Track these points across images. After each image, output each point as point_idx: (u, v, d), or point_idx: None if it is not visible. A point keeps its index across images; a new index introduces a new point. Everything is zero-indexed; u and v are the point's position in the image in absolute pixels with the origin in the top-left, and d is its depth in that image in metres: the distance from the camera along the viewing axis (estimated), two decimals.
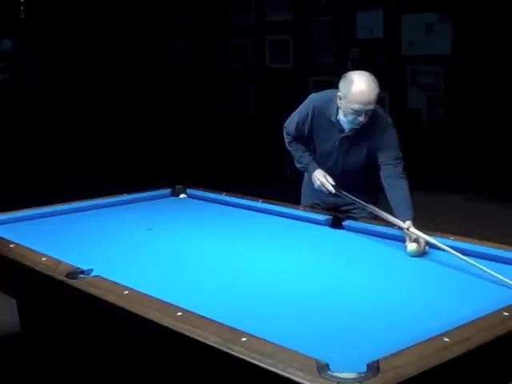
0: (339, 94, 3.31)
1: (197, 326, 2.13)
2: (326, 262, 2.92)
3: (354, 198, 3.41)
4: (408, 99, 7.21)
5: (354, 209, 3.60)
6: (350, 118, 3.29)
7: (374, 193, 3.54)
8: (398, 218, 3.08)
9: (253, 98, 8.62)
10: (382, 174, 3.36)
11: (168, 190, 4.14)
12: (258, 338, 2.01)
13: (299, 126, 3.57)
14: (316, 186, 3.54)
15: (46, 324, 3.18)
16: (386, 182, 3.33)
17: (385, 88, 7.54)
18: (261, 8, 8.41)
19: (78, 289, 2.56)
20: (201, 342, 2.05)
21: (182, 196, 4.12)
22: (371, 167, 3.43)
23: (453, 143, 6.85)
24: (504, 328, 2.10)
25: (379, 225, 3.29)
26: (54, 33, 8.53)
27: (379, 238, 3.19)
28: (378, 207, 3.35)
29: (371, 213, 3.46)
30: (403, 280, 2.70)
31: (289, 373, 1.82)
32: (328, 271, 2.80)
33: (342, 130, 3.43)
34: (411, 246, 2.92)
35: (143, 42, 8.97)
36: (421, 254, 2.96)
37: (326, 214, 3.51)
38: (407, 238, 2.99)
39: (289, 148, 3.70)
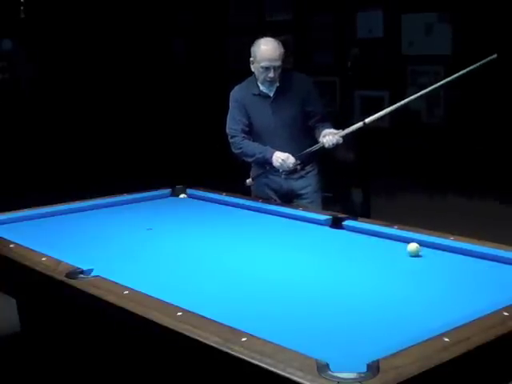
0: (251, 59, 3.88)
1: (197, 326, 2.13)
2: (325, 262, 2.92)
3: (311, 149, 3.82)
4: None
5: (306, 193, 3.99)
6: (262, 76, 3.81)
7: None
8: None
9: None
10: (310, 121, 3.88)
11: (168, 190, 4.14)
12: (258, 338, 2.01)
13: (239, 115, 3.95)
14: (278, 165, 3.80)
15: (46, 324, 3.18)
16: (315, 125, 3.86)
17: (385, 88, 7.59)
18: (261, 8, 8.41)
19: (78, 289, 2.56)
20: (201, 342, 2.05)
21: (182, 196, 4.12)
22: (305, 120, 3.91)
23: (453, 143, 6.85)
24: (504, 328, 2.10)
25: (379, 225, 3.30)
26: (54, 33, 8.52)
27: (379, 238, 3.19)
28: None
29: (322, 194, 4.03)
30: (403, 280, 2.70)
31: (289, 373, 1.82)
32: (328, 271, 2.80)
33: (268, 96, 3.88)
34: (411, 246, 2.92)
35: (143, 42, 8.97)
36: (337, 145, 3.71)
37: (325, 214, 3.51)
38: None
39: (237, 151, 3.96)
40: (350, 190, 6.14)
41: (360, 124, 3.70)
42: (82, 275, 2.65)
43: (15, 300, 3.43)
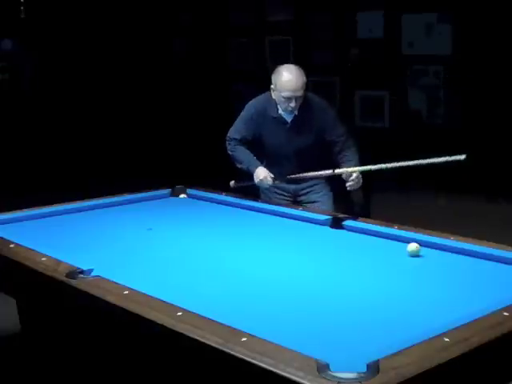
0: (272, 86, 3.75)
1: (197, 326, 2.13)
2: (325, 261, 2.92)
3: (292, 177, 3.82)
4: (408, 99, 7.20)
5: (311, 190, 3.96)
6: (283, 106, 3.71)
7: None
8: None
9: (253, 97, 8.62)
10: (333, 149, 3.76)
11: (168, 190, 4.14)
12: (258, 338, 2.01)
13: (244, 130, 3.93)
14: (256, 182, 3.85)
15: (46, 324, 3.18)
16: (339, 155, 3.74)
17: (385, 88, 7.57)
18: (261, 8, 8.41)
19: (77, 289, 2.56)
20: (201, 342, 2.05)
21: (181, 196, 4.12)
22: (319, 148, 3.82)
23: (453, 143, 6.85)
24: (504, 328, 2.10)
25: (379, 225, 3.30)
26: (54, 33, 8.52)
27: (379, 238, 3.19)
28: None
29: (328, 192, 3.96)
30: (403, 280, 2.70)
31: (289, 373, 1.82)
32: (328, 271, 2.80)
33: (286, 122, 3.80)
34: (411, 246, 2.92)
35: (144, 42, 8.97)
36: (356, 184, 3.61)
37: (326, 214, 3.52)
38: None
39: (231, 153, 4.03)
40: (350, 190, 6.13)
41: (329, 172, 3.68)
42: (81, 275, 2.65)
43: (15, 300, 3.43)
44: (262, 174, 3.84)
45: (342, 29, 7.62)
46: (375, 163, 3.63)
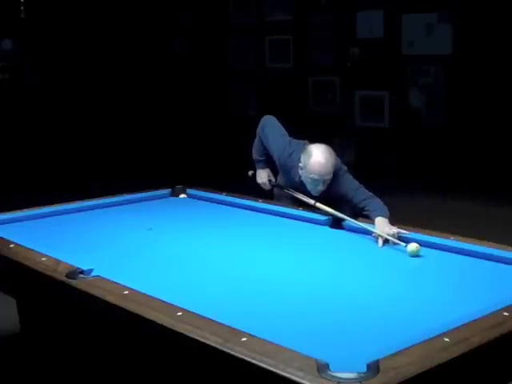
0: (300, 164, 3.58)
1: (197, 326, 2.13)
2: (325, 262, 2.92)
3: (295, 193, 3.70)
4: (408, 99, 7.21)
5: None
6: (310, 186, 3.56)
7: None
8: (374, 216, 3.31)
9: (253, 97, 8.63)
10: (355, 203, 3.52)
11: (168, 190, 4.14)
12: (258, 338, 2.01)
13: (264, 146, 3.90)
14: (258, 181, 3.96)
15: (46, 324, 3.18)
16: (361, 204, 3.49)
17: (385, 88, 7.56)
18: (261, 8, 8.42)
19: (77, 289, 2.56)
20: (201, 342, 2.05)
21: (181, 196, 4.12)
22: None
23: (453, 143, 6.86)
24: (504, 328, 2.10)
25: None
26: (54, 33, 8.53)
27: None
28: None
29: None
30: (403, 280, 2.70)
31: (289, 373, 1.82)
32: (328, 271, 2.80)
33: (306, 188, 3.62)
34: (411, 246, 2.92)
35: (144, 42, 8.98)
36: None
37: (325, 214, 3.51)
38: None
39: (257, 135, 3.98)
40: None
41: (311, 201, 3.57)
42: (81, 275, 2.65)
43: (15, 300, 3.43)
44: (263, 176, 3.94)
45: (342, 29, 7.63)
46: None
